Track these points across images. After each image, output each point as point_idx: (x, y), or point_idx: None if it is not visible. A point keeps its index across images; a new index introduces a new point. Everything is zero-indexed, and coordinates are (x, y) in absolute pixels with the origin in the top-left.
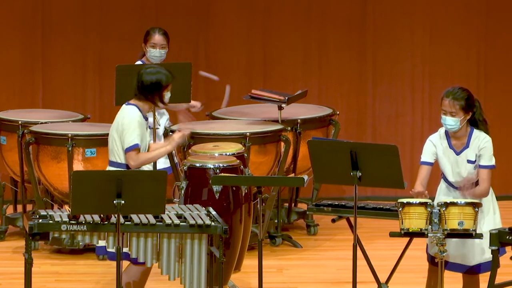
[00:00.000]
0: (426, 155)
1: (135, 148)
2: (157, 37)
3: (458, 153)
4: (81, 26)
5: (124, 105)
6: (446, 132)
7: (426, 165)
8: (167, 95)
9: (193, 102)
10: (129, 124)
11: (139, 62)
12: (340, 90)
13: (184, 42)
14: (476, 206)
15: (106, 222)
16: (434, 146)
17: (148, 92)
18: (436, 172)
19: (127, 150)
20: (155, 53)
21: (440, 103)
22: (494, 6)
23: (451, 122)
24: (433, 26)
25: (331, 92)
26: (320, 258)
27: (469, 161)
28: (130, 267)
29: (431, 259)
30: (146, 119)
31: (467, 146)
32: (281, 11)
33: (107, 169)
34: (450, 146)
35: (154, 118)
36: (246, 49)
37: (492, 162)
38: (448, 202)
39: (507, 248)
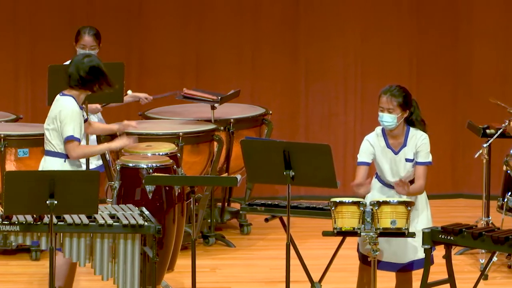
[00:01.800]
0: (363, 155)
1: (74, 139)
2: (87, 38)
3: (396, 153)
4: (11, 26)
5: (59, 96)
6: (383, 132)
7: (364, 165)
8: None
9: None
10: (67, 115)
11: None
12: (273, 89)
13: (117, 41)
14: (408, 205)
15: (39, 222)
16: (371, 146)
17: (93, 78)
18: (370, 172)
19: (66, 140)
20: None
21: (378, 100)
22: (426, 6)
23: (388, 119)
24: (365, 26)
25: (264, 91)
26: (253, 258)
27: (407, 160)
28: (57, 263)
29: (363, 258)
30: (82, 108)
31: (404, 145)
32: (215, 11)
33: (42, 159)
34: (388, 146)
35: (87, 113)
36: (179, 48)
37: (429, 159)
38: (381, 201)
39: (439, 247)
